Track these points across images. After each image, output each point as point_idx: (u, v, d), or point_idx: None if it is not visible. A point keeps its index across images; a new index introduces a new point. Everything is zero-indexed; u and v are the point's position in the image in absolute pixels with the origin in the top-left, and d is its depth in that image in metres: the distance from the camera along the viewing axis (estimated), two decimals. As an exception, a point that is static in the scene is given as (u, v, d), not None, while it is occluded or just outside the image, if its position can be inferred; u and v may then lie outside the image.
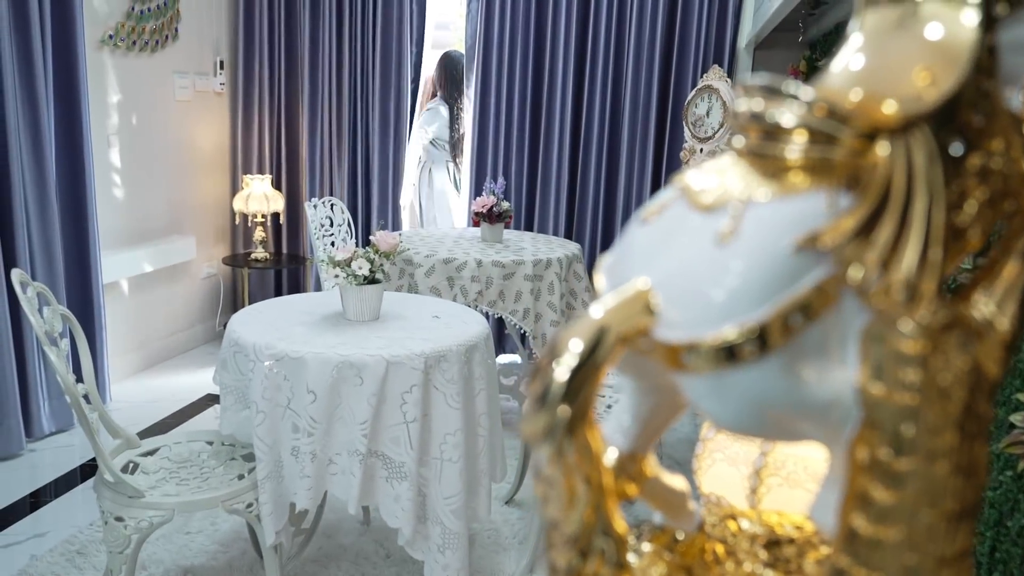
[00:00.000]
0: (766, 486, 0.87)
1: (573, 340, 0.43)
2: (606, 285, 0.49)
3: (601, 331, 0.43)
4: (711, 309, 0.42)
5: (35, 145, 2.92)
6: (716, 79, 3.62)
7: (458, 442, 1.86)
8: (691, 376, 0.44)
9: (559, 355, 0.43)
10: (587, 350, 0.43)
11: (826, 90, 0.49)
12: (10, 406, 2.84)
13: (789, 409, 0.45)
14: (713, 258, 0.43)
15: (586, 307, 2.04)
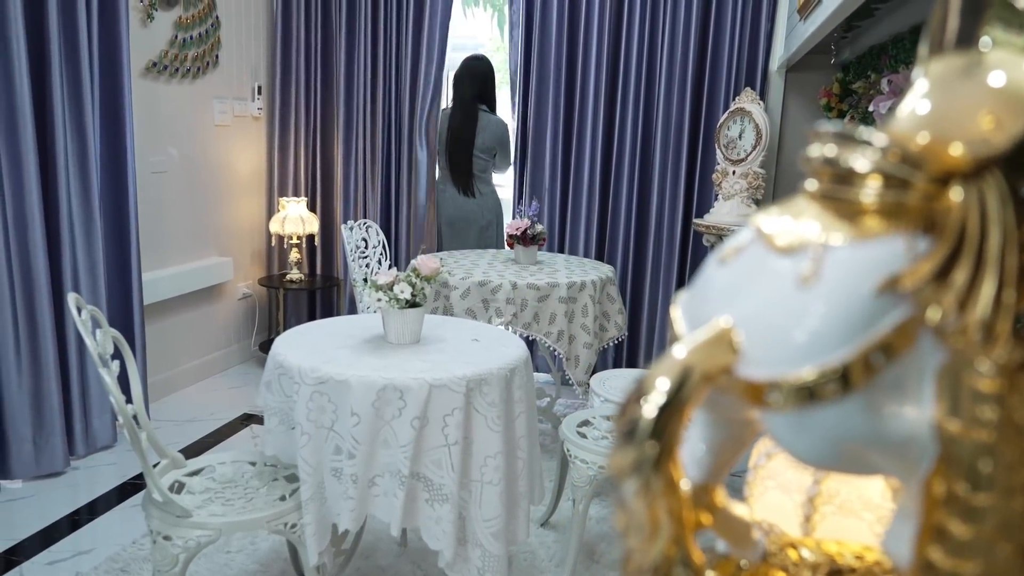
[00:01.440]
0: (820, 514, 0.88)
1: (660, 379, 0.45)
2: (685, 323, 0.51)
3: (687, 370, 0.45)
4: (794, 349, 0.44)
5: (82, 169, 3.00)
6: (749, 101, 3.64)
7: (498, 465, 1.88)
8: (772, 413, 0.45)
9: (646, 393, 0.45)
10: (674, 388, 0.44)
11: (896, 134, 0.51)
12: (55, 424, 2.91)
13: (867, 445, 0.46)
14: (794, 299, 0.44)
15: (619, 329, 2.06)
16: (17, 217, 2.75)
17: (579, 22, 4.02)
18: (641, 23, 3.94)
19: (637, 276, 4.15)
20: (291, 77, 4.39)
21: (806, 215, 0.49)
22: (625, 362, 4.20)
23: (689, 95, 3.94)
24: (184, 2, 3.73)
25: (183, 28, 3.73)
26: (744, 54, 3.89)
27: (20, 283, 2.78)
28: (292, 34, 4.35)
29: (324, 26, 4.37)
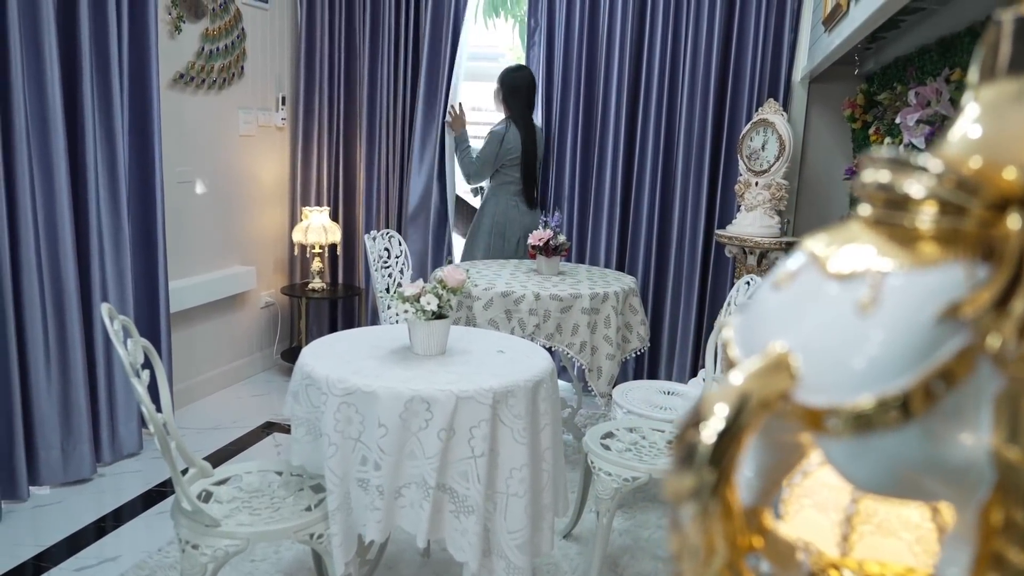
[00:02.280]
0: (858, 534, 0.88)
1: (718, 404, 0.45)
2: (739, 347, 0.51)
3: (744, 396, 0.45)
4: (853, 376, 0.44)
5: (111, 179, 3.04)
6: (772, 112, 3.63)
7: (524, 477, 1.88)
8: (830, 439, 0.45)
9: (704, 419, 0.45)
10: (732, 414, 0.45)
11: (950, 159, 0.51)
12: (83, 431, 2.94)
13: (924, 471, 0.46)
14: (852, 326, 0.45)
15: (642, 341, 2.06)
16: (48, 227, 2.79)
17: (600, 33, 4.03)
18: (663, 34, 3.95)
19: (658, 287, 4.14)
20: (314, 87, 4.43)
21: (860, 240, 0.49)
22: (647, 373, 4.18)
23: (711, 106, 3.94)
24: (211, 14, 3.78)
25: (210, 40, 3.78)
26: (767, 65, 3.88)
27: (50, 292, 2.82)
28: (316, 45, 4.39)
29: (347, 37, 4.41)
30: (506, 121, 3.98)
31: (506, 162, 3.99)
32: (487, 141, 4.00)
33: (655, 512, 2.90)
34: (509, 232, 3.97)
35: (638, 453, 2.37)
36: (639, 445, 2.42)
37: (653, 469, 2.25)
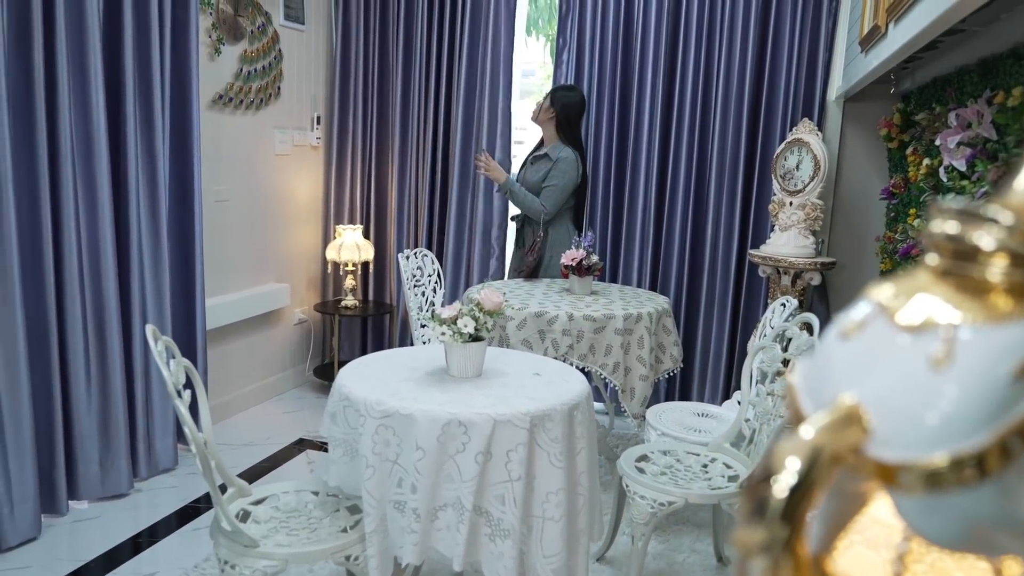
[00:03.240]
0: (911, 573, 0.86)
1: (790, 458, 0.45)
2: (806, 398, 0.51)
3: (816, 450, 0.45)
4: (926, 432, 0.44)
5: (152, 199, 3.10)
6: (806, 132, 3.61)
7: (560, 501, 1.87)
8: (903, 494, 0.45)
9: (775, 472, 0.45)
10: (804, 469, 0.45)
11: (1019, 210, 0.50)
12: (121, 447, 2.98)
13: (998, 527, 0.46)
14: (925, 381, 0.44)
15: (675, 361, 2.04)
16: (91, 246, 2.85)
17: (633, 52, 4.04)
18: (696, 52, 3.95)
19: (691, 306, 4.12)
20: (348, 107, 4.49)
21: (929, 291, 0.49)
22: (678, 394, 4.16)
23: (745, 125, 3.93)
24: (250, 36, 3.85)
25: (248, 61, 3.85)
26: (801, 84, 3.86)
27: (92, 310, 2.87)
28: (350, 66, 4.45)
29: (381, 58, 4.46)
30: (563, 145, 3.72)
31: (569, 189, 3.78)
32: (564, 171, 3.63)
33: (689, 536, 2.87)
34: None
35: (673, 477, 2.35)
36: (674, 469, 2.41)
37: (688, 494, 2.23)
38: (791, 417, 0.52)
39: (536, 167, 3.76)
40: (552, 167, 3.66)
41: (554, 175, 3.65)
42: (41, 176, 2.64)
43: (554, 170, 3.65)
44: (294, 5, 4.20)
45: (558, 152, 3.69)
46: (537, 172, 3.73)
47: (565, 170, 3.66)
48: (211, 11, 3.58)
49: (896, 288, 0.51)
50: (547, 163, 3.71)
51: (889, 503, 0.48)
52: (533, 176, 3.74)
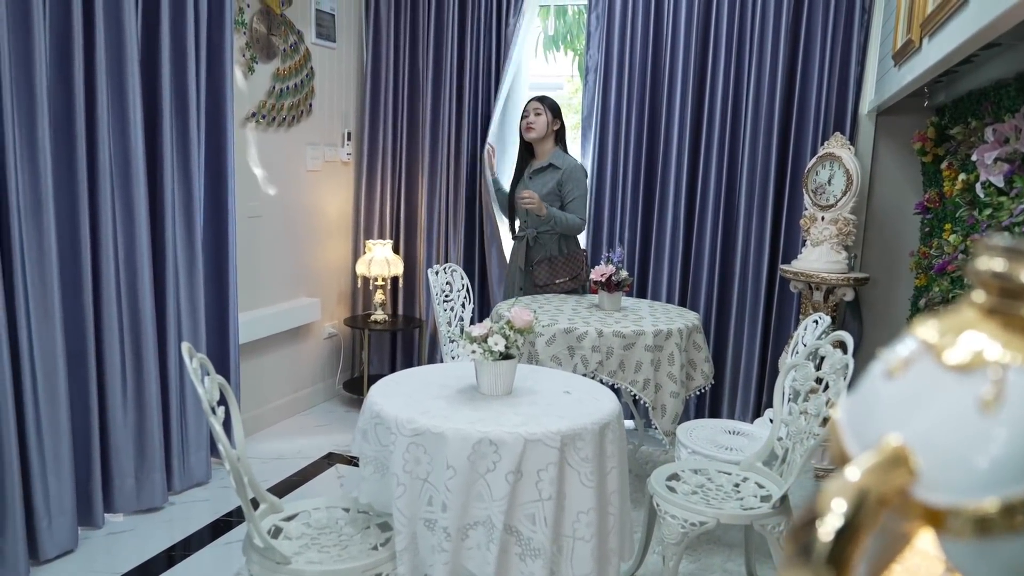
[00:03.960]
0: (953, 606, 0.84)
1: (836, 501, 0.44)
2: (850, 438, 0.51)
3: (863, 493, 0.45)
4: (975, 476, 0.43)
5: (187, 216, 3.15)
6: (838, 146, 3.57)
7: (591, 521, 1.86)
8: (951, 538, 0.44)
9: (821, 515, 0.44)
10: (850, 511, 0.44)
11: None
12: (155, 461, 3.02)
13: (1050, 573, 0.45)
14: (974, 423, 0.44)
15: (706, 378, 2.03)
16: (128, 262, 2.90)
17: (662, 65, 4.04)
18: (726, 68, 3.93)
19: (721, 322, 4.09)
20: (379, 123, 4.54)
21: (976, 329, 0.48)
22: (708, 411, 4.12)
23: (775, 139, 3.90)
24: (282, 55, 3.91)
25: (281, 79, 3.91)
26: (832, 98, 3.83)
27: (128, 325, 2.92)
28: (381, 82, 4.50)
29: (411, 74, 4.51)
30: (563, 152, 3.84)
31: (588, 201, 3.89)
32: (581, 178, 3.75)
33: (721, 556, 2.84)
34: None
35: (705, 496, 2.33)
36: (705, 488, 2.38)
37: (720, 514, 2.21)
38: (834, 455, 0.51)
39: (541, 180, 3.77)
40: (565, 177, 3.72)
41: (575, 185, 3.73)
42: (80, 194, 2.70)
43: (571, 181, 3.73)
44: (325, 23, 4.26)
45: (564, 161, 3.77)
46: (544, 184, 3.75)
47: (581, 177, 3.78)
48: (245, 31, 3.64)
49: (942, 326, 0.50)
50: (555, 173, 3.74)
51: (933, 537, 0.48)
52: (537, 188, 3.74)
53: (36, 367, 2.56)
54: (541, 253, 3.75)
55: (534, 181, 3.78)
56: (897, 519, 0.49)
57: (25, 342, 2.52)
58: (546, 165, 3.77)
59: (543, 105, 3.79)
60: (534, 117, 3.78)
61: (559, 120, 3.83)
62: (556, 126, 3.82)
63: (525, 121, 3.81)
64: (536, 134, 3.78)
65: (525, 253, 3.79)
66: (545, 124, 3.78)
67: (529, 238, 3.76)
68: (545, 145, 3.82)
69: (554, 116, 3.80)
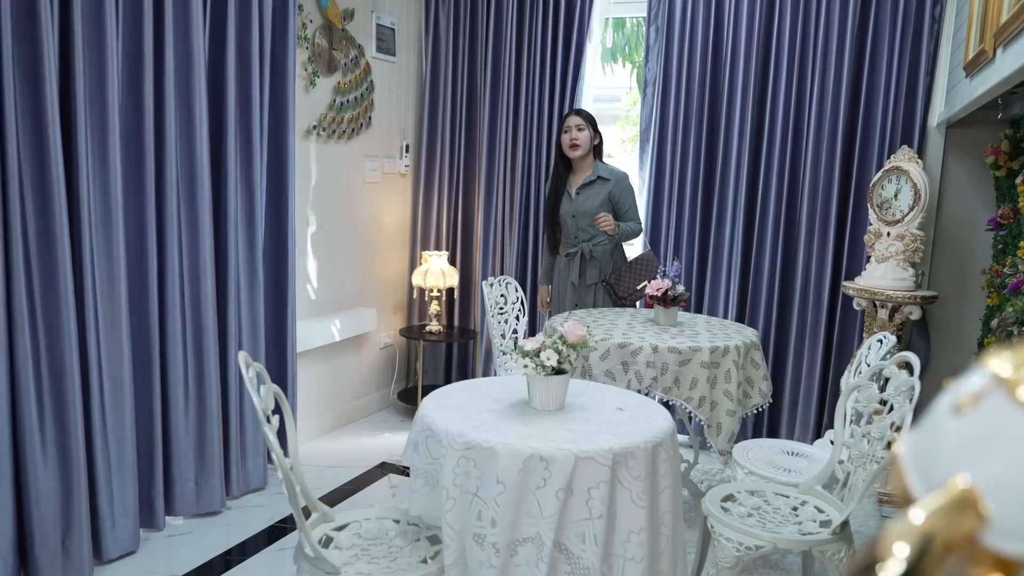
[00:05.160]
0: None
1: (899, 545, 0.42)
2: (914, 475, 0.48)
3: (927, 537, 0.42)
4: (1053, 524, 0.40)
5: (249, 228, 3.22)
6: (905, 160, 3.47)
7: (642, 541, 1.83)
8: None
9: (882, 559, 0.42)
10: (914, 557, 0.41)
11: None
12: (215, 466, 3.09)
13: None
14: (1051, 466, 0.41)
15: (764, 396, 1.98)
16: (192, 273, 2.98)
17: (722, 77, 3.99)
18: (788, 79, 3.86)
19: (780, 340, 3.99)
20: (437, 136, 4.58)
21: (1053, 363, 0.45)
22: (767, 430, 4.02)
23: (839, 152, 3.80)
24: (343, 68, 3.98)
25: (341, 92, 3.98)
26: (899, 110, 3.72)
27: (191, 334, 3.00)
28: (439, 95, 4.55)
29: (469, 87, 4.54)
30: (605, 164, 3.82)
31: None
32: (630, 186, 3.79)
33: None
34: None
35: (761, 519, 2.26)
36: (762, 511, 2.32)
37: (777, 538, 2.14)
38: (897, 494, 0.49)
39: (591, 193, 3.75)
40: (615, 186, 3.74)
41: (628, 194, 3.78)
42: (148, 207, 2.78)
43: (624, 190, 3.77)
44: (386, 37, 4.32)
45: (612, 172, 3.79)
46: (595, 197, 3.73)
47: (630, 184, 3.82)
48: (308, 45, 3.72)
49: (1016, 359, 0.47)
50: (604, 185, 3.75)
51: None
52: (588, 203, 3.73)
53: (103, 374, 2.65)
54: (595, 266, 3.74)
55: (582, 196, 3.75)
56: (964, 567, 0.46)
57: (94, 350, 2.60)
58: (593, 179, 3.75)
59: (583, 120, 3.75)
60: (577, 133, 3.73)
61: (598, 134, 3.80)
62: (597, 140, 3.79)
63: (568, 137, 3.74)
64: (582, 151, 3.74)
65: (581, 269, 3.76)
66: (588, 139, 3.74)
67: (585, 251, 3.74)
68: (587, 160, 3.79)
69: (594, 130, 3.78)
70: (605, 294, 3.76)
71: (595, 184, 3.75)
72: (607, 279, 3.73)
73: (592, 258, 3.74)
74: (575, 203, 3.76)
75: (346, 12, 3.95)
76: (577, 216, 3.74)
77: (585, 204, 3.73)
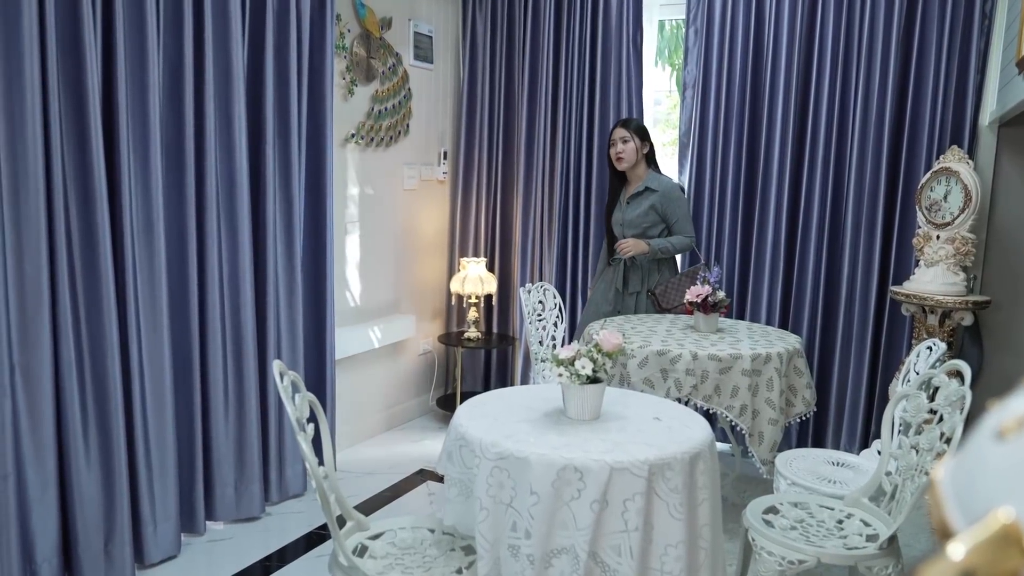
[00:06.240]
0: None
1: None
2: (953, 505, 0.44)
3: (967, 574, 0.38)
4: (1107, 563, 0.36)
5: (288, 237, 3.25)
6: (955, 161, 3.36)
7: (680, 555, 1.78)
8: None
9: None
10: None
11: None
12: (254, 472, 3.12)
13: None
14: (1105, 500, 0.37)
15: (807, 405, 1.91)
16: (232, 281, 3.02)
17: (763, 79, 3.91)
18: (832, 79, 3.77)
19: (825, 346, 3.89)
20: (474, 142, 4.58)
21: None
22: (812, 440, 3.92)
23: (886, 154, 3.70)
24: (381, 77, 4.00)
25: (379, 100, 4.00)
26: (948, 109, 3.60)
27: (231, 341, 3.03)
28: (477, 102, 4.55)
29: (507, 93, 4.53)
30: (657, 173, 3.73)
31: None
32: (681, 196, 3.68)
33: (822, 594, 2.68)
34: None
35: (804, 532, 2.20)
36: (805, 523, 2.25)
37: (821, 552, 2.08)
38: (936, 525, 0.45)
39: (638, 203, 3.66)
40: (663, 199, 3.61)
41: (677, 206, 3.63)
42: (189, 216, 2.82)
43: (671, 201, 3.62)
44: (423, 45, 4.34)
45: (660, 182, 3.66)
46: (641, 207, 3.64)
47: (679, 195, 3.67)
48: (346, 54, 3.75)
49: (1065, 380, 0.44)
50: (651, 195, 3.64)
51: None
52: (636, 213, 3.65)
53: (145, 380, 2.69)
54: (638, 274, 3.67)
55: (631, 206, 3.69)
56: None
57: (135, 357, 2.65)
58: (642, 189, 3.67)
59: (629, 131, 3.66)
60: (622, 146, 3.65)
61: (647, 142, 3.69)
62: (645, 149, 3.68)
63: (614, 151, 3.68)
64: (627, 163, 3.66)
65: (624, 276, 3.69)
66: (634, 151, 3.64)
67: (626, 260, 3.68)
68: (638, 170, 3.70)
69: (642, 140, 3.67)
70: (648, 303, 3.68)
71: (643, 195, 3.66)
72: (652, 290, 3.64)
73: (635, 266, 3.67)
74: (624, 213, 3.71)
75: (384, 21, 3.97)
76: (624, 226, 3.69)
77: (630, 214, 3.67)
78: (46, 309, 2.37)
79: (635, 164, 3.68)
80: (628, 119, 3.78)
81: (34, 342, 2.35)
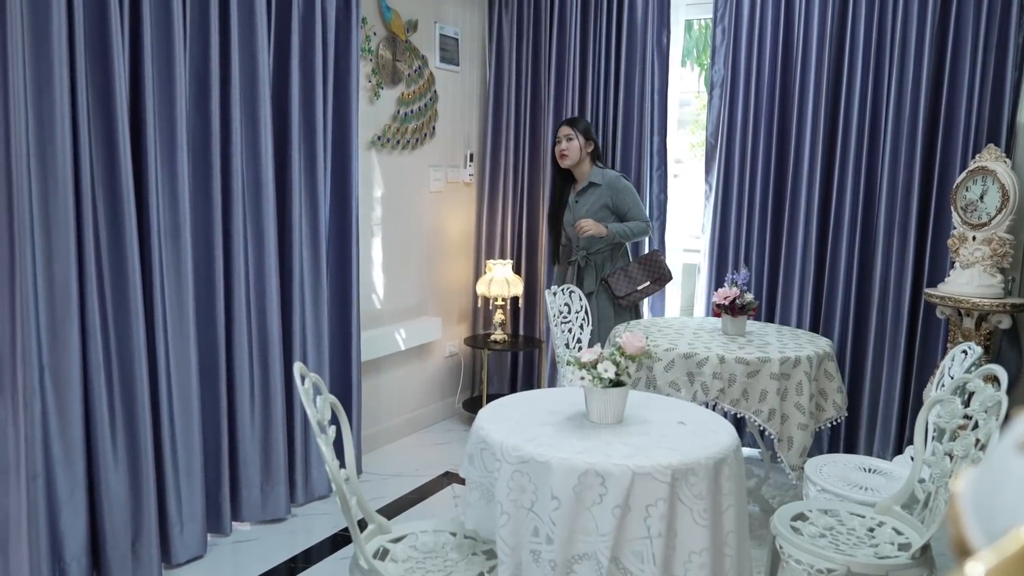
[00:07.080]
0: None
1: (951, 606, 0.36)
2: (974, 521, 0.42)
3: (985, 597, 0.36)
4: None
5: (313, 239, 3.26)
6: (992, 159, 3.27)
7: (704, 562, 1.75)
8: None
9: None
10: (970, 618, 0.36)
11: None
12: (280, 474, 3.13)
13: None
14: None
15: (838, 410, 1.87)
16: (257, 283, 3.03)
17: (792, 78, 3.85)
18: (863, 77, 3.69)
19: (857, 350, 3.81)
20: (501, 144, 4.57)
21: None
22: (843, 446, 3.84)
23: (919, 153, 3.61)
24: (407, 79, 4.00)
25: (405, 103, 4.01)
26: (985, 107, 3.51)
27: (257, 344, 3.05)
28: (503, 104, 4.53)
29: (533, 96, 4.52)
30: (601, 168, 3.82)
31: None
32: (628, 186, 3.79)
33: (854, 603, 2.62)
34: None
35: (834, 540, 2.15)
36: (835, 531, 2.20)
37: (851, 561, 2.03)
38: (954, 541, 0.42)
39: (586, 198, 3.79)
40: (610, 189, 3.75)
41: (625, 195, 3.76)
42: (215, 219, 2.85)
43: (619, 192, 3.74)
44: (449, 48, 4.34)
45: (603, 176, 3.79)
46: (592, 203, 3.77)
47: (625, 185, 3.80)
48: (371, 57, 3.76)
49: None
50: (596, 189, 3.77)
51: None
52: (586, 210, 3.76)
53: (172, 382, 2.72)
54: (592, 273, 3.78)
55: (579, 203, 3.80)
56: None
57: (162, 358, 2.67)
58: (587, 185, 3.79)
59: (574, 129, 3.79)
60: (566, 144, 3.79)
61: (591, 141, 3.81)
62: (589, 148, 3.81)
63: (558, 148, 3.81)
64: (570, 161, 3.80)
65: (578, 276, 3.81)
66: (578, 148, 3.78)
67: (580, 260, 3.79)
68: (583, 167, 3.83)
69: (586, 138, 3.79)
70: (607, 298, 3.77)
71: (589, 190, 3.79)
72: (605, 278, 3.74)
73: (589, 265, 3.78)
74: (573, 211, 3.82)
75: (409, 24, 3.98)
76: (576, 219, 3.78)
77: (580, 212, 3.78)
78: (75, 311, 2.40)
79: (579, 162, 3.81)
80: (574, 118, 3.91)
81: (63, 344, 2.39)
